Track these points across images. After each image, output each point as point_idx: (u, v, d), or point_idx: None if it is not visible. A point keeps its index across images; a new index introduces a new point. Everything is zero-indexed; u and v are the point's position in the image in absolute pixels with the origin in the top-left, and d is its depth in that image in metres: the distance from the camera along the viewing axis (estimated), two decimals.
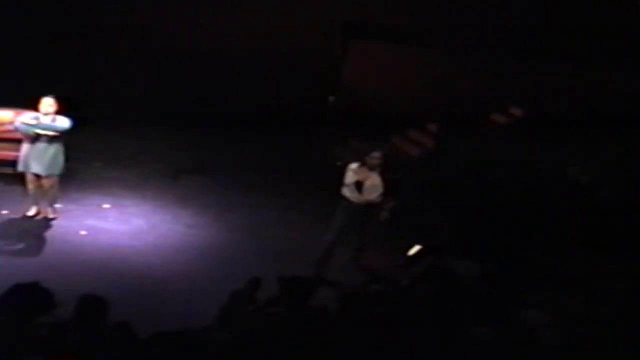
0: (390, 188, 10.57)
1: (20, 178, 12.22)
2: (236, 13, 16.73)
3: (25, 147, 11.76)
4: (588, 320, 8.58)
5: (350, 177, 10.73)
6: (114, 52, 16.45)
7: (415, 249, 9.47)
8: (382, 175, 10.58)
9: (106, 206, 12.35)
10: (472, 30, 16.50)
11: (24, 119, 11.76)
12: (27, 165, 11.75)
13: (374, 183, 10.57)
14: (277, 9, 16.75)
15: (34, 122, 11.64)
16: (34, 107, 11.77)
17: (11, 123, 12.72)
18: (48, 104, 11.67)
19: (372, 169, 10.60)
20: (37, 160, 11.68)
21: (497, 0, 16.32)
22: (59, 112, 11.69)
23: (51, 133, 11.59)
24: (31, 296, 6.76)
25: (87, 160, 13.41)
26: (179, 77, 16.33)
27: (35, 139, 11.63)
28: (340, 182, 13.84)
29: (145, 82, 16.14)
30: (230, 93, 16.30)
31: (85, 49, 16.31)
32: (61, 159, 11.77)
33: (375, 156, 10.60)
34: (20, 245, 11.20)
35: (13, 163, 12.43)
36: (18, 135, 12.34)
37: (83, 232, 11.71)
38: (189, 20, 16.64)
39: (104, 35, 16.45)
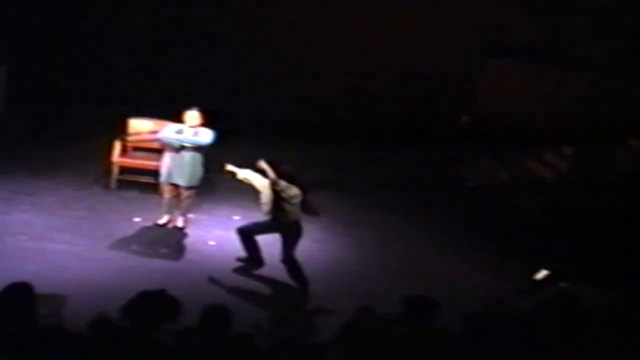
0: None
1: (154, 186, 12.46)
2: (370, 32, 16.76)
3: (167, 158, 11.82)
4: None
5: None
6: (256, 66, 16.64)
7: (542, 273, 9.30)
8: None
9: (235, 217, 12.49)
10: (611, 50, 16.18)
11: (168, 131, 11.87)
12: (169, 175, 11.81)
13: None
14: (414, 28, 16.71)
15: (178, 135, 11.71)
16: (176, 117, 11.92)
17: (150, 133, 12.95)
18: (193, 116, 11.78)
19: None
20: (179, 171, 11.74)
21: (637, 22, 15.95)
22: (204, 125, 11.78)
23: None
24: (157, 303, 6.89)
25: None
26: (315, 94, 16.40)
27: (178, 149, 11.72)
28: (471, 203, 13.80)
29: (281, 97, 16.28)
30: (365, 111, 16.33)
31: (227, 63, 16.56)
32: (201, 171, 11.87)
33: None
34: (150, 253, 11.44)
35: (149, 172, 12.71)
36: (155, 145, 12.58)
37: (211, 242, 11.88)
38: (323, 41, 16.74)
39: (243, 49, 16.68)
